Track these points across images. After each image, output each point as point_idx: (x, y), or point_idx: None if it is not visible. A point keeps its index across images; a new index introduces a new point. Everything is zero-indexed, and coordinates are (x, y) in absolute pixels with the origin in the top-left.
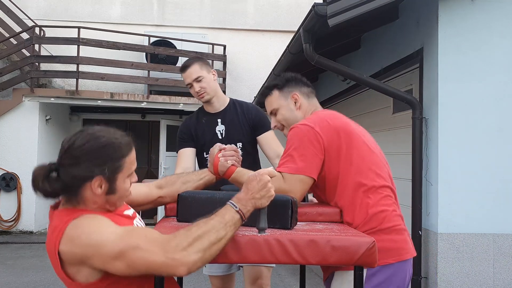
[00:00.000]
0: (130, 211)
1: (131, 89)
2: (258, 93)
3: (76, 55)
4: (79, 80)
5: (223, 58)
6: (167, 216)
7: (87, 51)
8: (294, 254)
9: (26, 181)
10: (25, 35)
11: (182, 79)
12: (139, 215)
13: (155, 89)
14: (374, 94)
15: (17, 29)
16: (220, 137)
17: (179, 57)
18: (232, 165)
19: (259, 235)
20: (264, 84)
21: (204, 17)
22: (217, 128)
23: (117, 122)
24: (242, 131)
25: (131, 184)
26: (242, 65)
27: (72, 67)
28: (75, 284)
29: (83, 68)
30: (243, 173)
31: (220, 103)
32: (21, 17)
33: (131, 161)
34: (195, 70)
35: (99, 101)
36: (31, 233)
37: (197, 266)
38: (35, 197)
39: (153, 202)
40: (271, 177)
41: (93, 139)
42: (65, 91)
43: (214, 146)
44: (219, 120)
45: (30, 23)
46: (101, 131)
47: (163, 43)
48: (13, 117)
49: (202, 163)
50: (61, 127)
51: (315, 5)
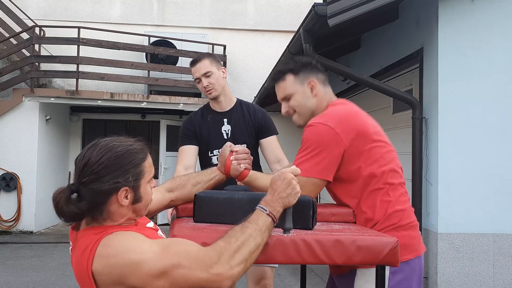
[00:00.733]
0: (151, 224)
1: (131, 89)
2: (270, 78)
3: (76, 55)
4: (79, 80)
5: (223, 58)
6: (179, 216)
7: (87, 51)
8: (320, 254)
9: (26, 181)
10: (25, 35)
11: (182, 79)
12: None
13: (155, 89)
14: (374, 94)
15: (17, 29)
16: (225, 137)
17: (179, 57)
18: (245, 168)
19: (285, 235)
20: (274, 69)
21: (204, 17)
22: (223, 128)
23: (117, 122)
24: (247, 133)
25: (151, 189)
26: (242, 65)
27: (72, 67)
28: None
29: (83, 68)
30: (256, 177)
31: (227, 102)
32: (21, 17)
33: (150, 164)
34: (205, 65)
35: (99, 101)
36: (31, 233)
37: (240, 276)
38: (35, 197)
39: (165, 206)
40: (294, 175)
41: (109, 150)
42: (65, 91)
43: (225, 145)
44: (225, 120)
45: (30, 23)
46: (113, 141)
47: (163, 43)
48: (13, 117)
49: (205, 164)
50: (61, 127)
51: (315, 5)
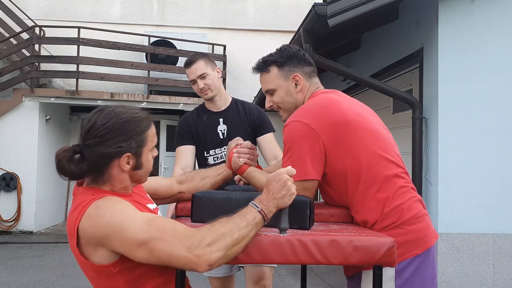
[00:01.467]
0: (152, 206)
1: (131, 89)
2: (252, 68)
3: (76, 55)
4: (79, 80)
5: (223, 58)
6: (178, 216)
7: (87, 51)
8: (316, 254)
9: (26, 181)
10: (25, 35)
11: (182, 79)
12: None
13: (155, 89)
14: (374, 94)
15: (17, 29)
16: (221, 137)
17: (179, 57)
18: (244, 163)
19: (281, 235)
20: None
21: (204, 17)
22: (219, 127)
23: None
24: (244, 132)
25: (153, 158)
26: (242, 65)
27: (72, 67)
28: (87, 263)
29: (83, 68)
30: (253, 174)
31: (222, 102)
32: (21, 17)
33: (153, 133)
34: (200, 66)
35: (99, 101)
36: (31, 233)
37: (218, 264)
38: (35, 197)
39: (173, 196)
40: (289, 176)
41: (115, 116)
42: (65, 91)
43: (234, 139)
44: (221, 119)
45: (30, 23)
46: (120, 108)
47: (163, 43)
48: (13, 117)
49: (202, 165)
50: (61, 127)
51: (315, 5)
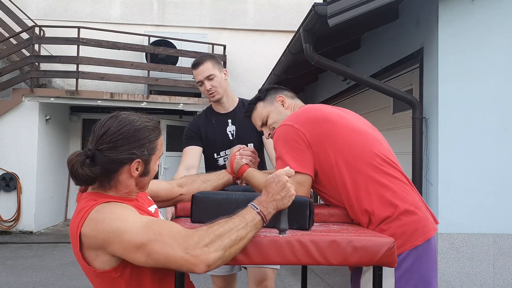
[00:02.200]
0: (153, 208)
1: (131, 89)
2: (244, 115)
3: (76, 55)
4: (79, 80)
5: (223, 58)
6: (177, 216)
7: (87, 51)
8: (315, 255)
9: (26, 181)
10: (25, 35)
11: (182, 79)
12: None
13: (155, 89)
14: (374, 94)
15: (17, 29)
16: (231, 138)
17: (179, 57)
18: (245, 164)
19: (280, 236)
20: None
21: (204, 17)
22: (228, 128)
23: None
24: (251, 132)
25: (158, 166)
26: (242, 65)
27: (72, 67)
28: (90, 269)
29: (83, 68)
30: (253, 174)
31: (229, 103)
32: (21, 17)
33: (161, 143)
34: (208, 68)
35: (99, 101)
36: (31, 233)
37: (216, 264)
38: (35, 197)
39: (174, 199)
40: (289, 177)
41: (129, 123)
42: (65, 91)
43: (235, 146)
44: (230, 120)
45: (30, 23)
46: (133, 116)
47: (163, 43)
48: (13, 117)
49: (211, 166)
50: (61, 127)
51: (315, 5)
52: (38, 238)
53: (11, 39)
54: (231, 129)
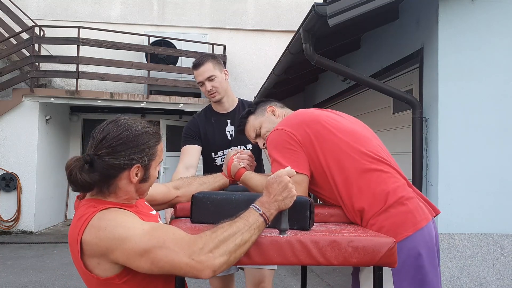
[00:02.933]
0: (153, 212)
1: (131, 89)
2: (237, 131)
3: (76, 55)
4: (79, 80)
5: (223, 58)
6: (177, 217)
7: (87, 51)
8: (316, 255)
9: (26, 181)
10: (25, 35)
11: (182, 79)
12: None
13: (155, 89)
14: (374, 94)
15: (17, 29)
16: (229, 138)
17: (179, 57)
18: (243, 167)
19: (281, 236)
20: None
21: (204, 17)
22: (227, 129)
23: None
24: None
25: (158, 172)
26: (242, 65)
27: (72, 67)
28: (91, 276)
29: (83, 68)
30: (250, 176)
31: (229, 103)
32: (21, 17)
33: (161, 149)
34: (208, 68)
35: (99, 101)
36: (31, 233)
37: (222, 269)
38: (35, 197)
39: (170, 202)
40: (290, 177)
41: (128, 128)
42: (65, 91)
43: (232, 150)
44: (229, 120)
45: (30, 23)
46: (133, 121)
47: (163, 43)
48: (13, 117)
49: (209, 166)
50: (61, 127)
51: (315, 5)
52: (38, 238)
53: (11, 39)
54: (230, 129)
